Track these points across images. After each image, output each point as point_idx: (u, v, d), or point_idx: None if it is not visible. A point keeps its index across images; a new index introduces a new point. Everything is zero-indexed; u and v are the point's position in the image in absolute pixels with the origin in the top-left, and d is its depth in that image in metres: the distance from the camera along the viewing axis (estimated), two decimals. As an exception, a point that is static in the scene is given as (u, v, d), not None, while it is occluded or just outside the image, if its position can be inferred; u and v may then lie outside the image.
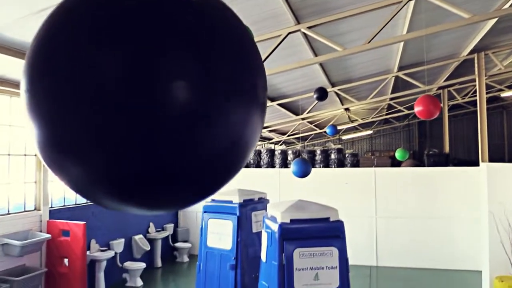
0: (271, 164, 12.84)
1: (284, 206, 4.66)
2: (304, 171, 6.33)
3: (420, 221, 10.65)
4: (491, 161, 10.01)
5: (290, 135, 21.26)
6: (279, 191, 11.32)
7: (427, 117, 5.26)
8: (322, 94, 8.56)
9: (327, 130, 13.82)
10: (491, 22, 8.41)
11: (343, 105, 14.56)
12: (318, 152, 12.61)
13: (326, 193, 10.59)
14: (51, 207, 8.02)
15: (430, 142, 24.74)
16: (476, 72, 10.73)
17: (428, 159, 13.60)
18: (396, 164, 14.84)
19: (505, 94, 17.63)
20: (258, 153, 13.17)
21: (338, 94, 13.04)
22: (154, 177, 0.76)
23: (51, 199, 8.11)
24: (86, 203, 9.07)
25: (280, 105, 12.81)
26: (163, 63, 0.72)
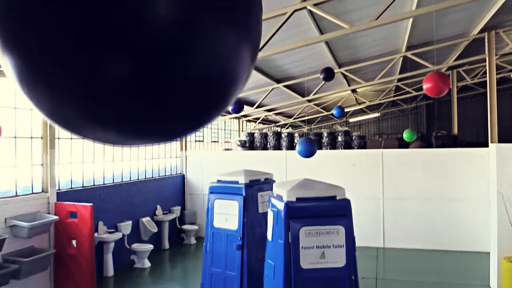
0: (278, 147, 12.80)
1: (290, 185, 4.62)
2: (310, 151, 6.27)
3: (428, 203, 10.59)
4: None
5: (297, 118, 21.14)
6: (286, 173, 11.29)
7: (436, 95, 5.15)
8: (329, 74, 8.44)
9: (334, 112, 13.71)
10: (502, -1, 8.18)
11: (350, 86, 14.39)
12: (325, 135, 12.54)
13: (333, 175, 10.53)
14: (59, 190, 8.06)
15: (439, 125, 24.52)
16: (486, 52, 10.49)
17: (436, 141, 13.49)
18: (404, 146, 14.75)
19: (516, 75, 17.31)
20: (265, 136, 13.12)
21: (345, 75, 12.89)
22: (131, 94, 0.71)
23: (58, 182, 8.16)
24: (93, 186, 9.12)
25: (287, 87, 12.69)
26: None
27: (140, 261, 9.55)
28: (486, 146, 10.30)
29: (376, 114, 25.45)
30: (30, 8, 0.66)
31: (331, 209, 4.50)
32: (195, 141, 14.45)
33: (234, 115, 15.86)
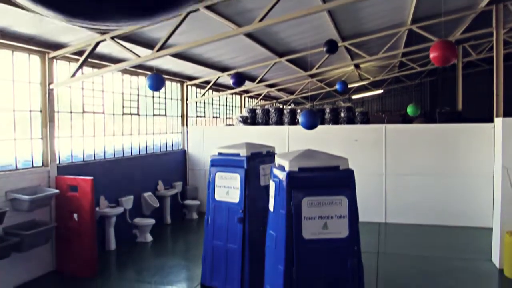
0: (280, 123, 12.67)
1: (293, 155, 4.53)
2: (312, 123, 6.15)
3: (431, 178, 10.53)
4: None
5: (299, 95, 20.92)
6: (288, 148, 11.21)
7: (443, 64, 5.01)
8: (332, 47, 8.25)
9: (337, 86, 13.53)
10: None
11: (353, 61, 14.13)
12: (328, 111, 12.38)
13: (335, 150, 10.38)
14: (59, 164, 8.00)
15: (443, 103, 24.26)
16: (494, 25, 10.23)
17: (440, 117, 13.33)
18: (408, 122, 14.60)
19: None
20: (267, 112, 12.98)
21: (349, 50, 12.64)
22: None
23: (59, 156, 8.09)
24: (94, 160, 9.06)
25: (289, 61, 12.47)
26: None
27: (142, 235, 9.58)
28: (492, 121, 10.17)
29: (379, 91, 25.19)
30: None
31: (334, 179, 4.43)
32: (196, 117, 14.32)
33: (236, 90, 15.68)
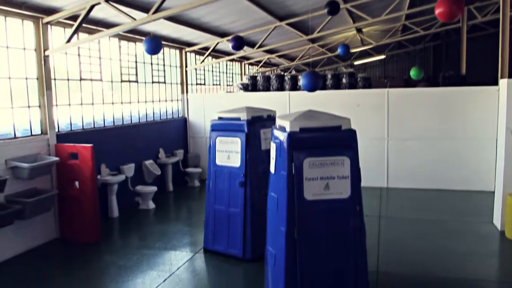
0: (281, 90, 12.49)
1: (294, 116, 4.43)
2: (314, 84, 6.02)
3: (433, 143, 10.45)
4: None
5: (300, 61, 20.60)
6: (289, 113, 11.09)
7: (449, 19, 4.83)
8: (334, 8, 8.00)
9: (339, 50, 13.26)
10: None
11: (355, 24, 13.79)
12: (329, 77, 12.18)
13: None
14: (58, 132, 7.93)
15: (446, 67, 23.90)
16: (501, -16, 9.91)
17: (444, 81, 13.10)
18: (411, 87, 14.39)
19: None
20: (267, 79, 12.78)
21: (351, 12, 12.32)
22: None
23: (58, 124, 8.01)
24: (94, 128, 8.98)
25: (290, 25, 12.18)
26: None
27: (145, 203, 9.62)
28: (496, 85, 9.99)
29: (382, 56, 24.79)
30: None
31: (336, 140, 4.34)
32: (196, 84, 14.14)
33: (235, 57, 15.41)
